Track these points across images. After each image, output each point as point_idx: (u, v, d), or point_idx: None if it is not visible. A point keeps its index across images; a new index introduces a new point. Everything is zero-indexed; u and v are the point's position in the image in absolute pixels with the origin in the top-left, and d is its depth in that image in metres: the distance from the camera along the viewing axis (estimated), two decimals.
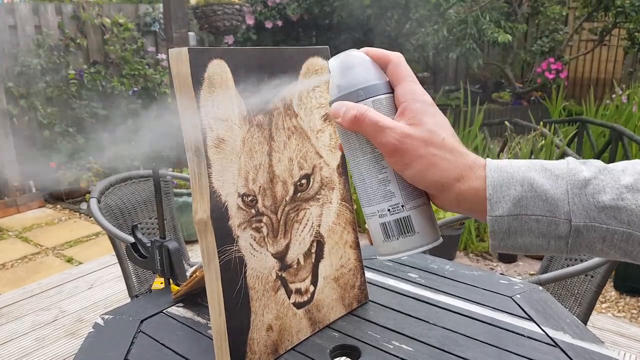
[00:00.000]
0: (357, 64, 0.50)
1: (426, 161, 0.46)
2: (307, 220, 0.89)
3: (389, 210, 0.49)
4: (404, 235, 0.49)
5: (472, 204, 0.46)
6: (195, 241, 3.06)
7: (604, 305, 2.59)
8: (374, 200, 0.50)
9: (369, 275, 1.15)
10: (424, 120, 0.47)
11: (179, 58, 0.73)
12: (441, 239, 0.51)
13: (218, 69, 0.76)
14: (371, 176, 0.49)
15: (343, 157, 0.97)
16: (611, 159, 3.97)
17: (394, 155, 0.46)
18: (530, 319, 0.97)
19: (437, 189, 0.47)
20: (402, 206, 0.49)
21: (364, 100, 0.49)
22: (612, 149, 3.95)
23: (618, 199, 0.42)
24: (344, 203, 0.97)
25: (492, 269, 3.00)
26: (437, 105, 0.51)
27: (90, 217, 4.02)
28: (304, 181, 0.88)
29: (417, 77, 0.52)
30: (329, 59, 0.53)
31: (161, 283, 1.18)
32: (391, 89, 0.50)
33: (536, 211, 0.43)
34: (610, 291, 2.73)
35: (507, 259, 3.08)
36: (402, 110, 0.48)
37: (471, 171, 0.46)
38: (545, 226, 0.44)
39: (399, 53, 0.51)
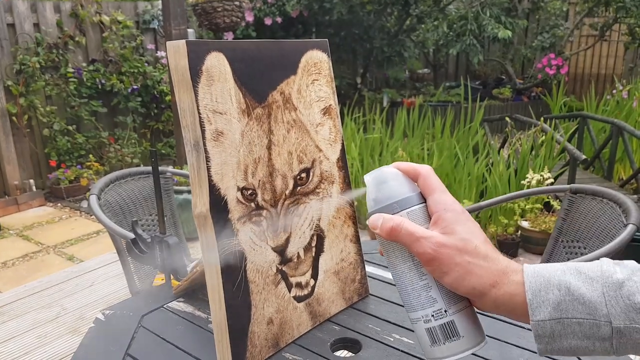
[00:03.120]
0: (390, 178, 0.53)
1: (462, 269, 0.48)
2: (307, 214, 0.89)
3: (432, 315, 0.51)
4: (450, 339, 0.51)
5: (510, 308, 0.48)
6: (196, 238, 3.07)
7: None
8: (417, 306, 0.52)
9: (369, 269, 1.15)
10: (456, 229, 0.49)
11: (177, 51, 0.72)
12: (487, 340, 0.52)
13: (216, 61, 0.75)
14: (413, 283, 0.52)
15: (343, 150, 0.97)
16: (611, 155, 3.97)
17: (431, 263, 0.49)
18: None
19: (475, 295, 0.49)
20: (445, 311, 0.51)
21: (399, 212, 0.52)
22: (612, 144, 3.94)
23: None
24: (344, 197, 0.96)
25: None
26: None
27: (90, 215, 4.02)
28: (303, 175, 0.88)
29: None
30: (328, 53, 0.54)
31: (162, 280, 1.18)
32: (423, 199, 0.53)
33: (576, 314, 0.45)
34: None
35: (508, 254, 3.08)
36: (435, 220, 0.51)
37: (505, 276, 0.48)
38: (587, 329, 0.45)
39: (428, 166, 0.54)
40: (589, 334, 0.45)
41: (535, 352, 0.84)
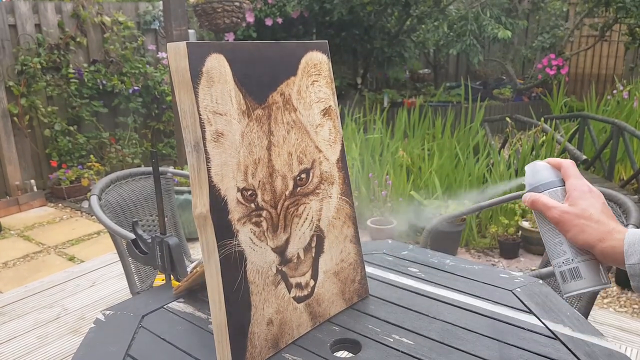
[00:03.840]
0: (539, 168, 0.74)
1: (578, 229, 0.68)
2: (307, 215, 0.89)
3: (563, 262, 0.71)
4: (575, 279, 0.70)
5: (613, 258, 0.65)
6: (196, 239, 3.07)
7: (605, 300, 2.59)
8: (554, 255, 0.72)
9: (369, 269, 1.15)
10: (579, 203, 0.69)
11: (177, 52, 0.73)
12: (608, 284, 0.70)
13: (216, 63, 0.76)
14: (550, 240, 0.72)
15: (342, 151, 0.97)
16: (612, 155, 3.96)
17: (558, 224, 0.70)
18: (531, 312, 0.97)
19: (588, 247, 0.68)
20: (572, 260, 0.70)
21: (542, 191, 0.72)
22: (613, 144, 3.94)
23: None
24: (343, 198, 0.97)
25: (493, 264, 3.00)
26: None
27: (91, 216, 4.03)
28: (303, 176, 0.88)
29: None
30: (327, 54, 0.61)
31: (162, 280, 1.18)
32: (563, 184, 0.73)
33: None
34: (612, 286, 2.73)
35: (509, 254, 3.08)
36: (567, 197, 0.71)
37: (610, 234, 0.66)
38: None
39: (571, 160, 0.74)
40: None
41: (535, 353, 0.85)
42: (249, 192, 0.80)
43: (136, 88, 4.82)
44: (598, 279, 0.69)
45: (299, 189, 0.87)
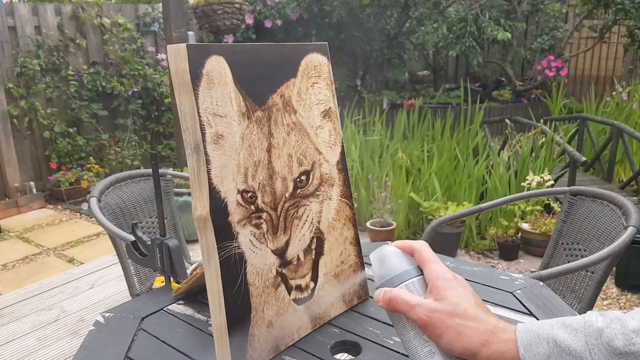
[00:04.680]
0: (389, 256, 0.60)
1: (453, 331, 0.53)
2: (307, 217, 0.89)
3: None
4: None
5: None
6: (196, 240, 3.07)
7: (605, 302, 2.59)
8: None
9: (369, 271, 1.15)
10: (447, 295, 0.55)
11: (177, 54, 0.73)
12: None
13: (216, 65, 0.76)
14: (418, 350, 0.56)
15: (342, 153, 0.97)
16: (611, 156, 3.97)
17: (427, 328, 0.55)
18: (531, 314, 0.97)
19: (469, 355, 0.53)
20: None
21: (398, 284, 0.58)
22: (612, 146, 3.94)
23: (629, 344, 0.48)
24: (343, 199, 0.97)
25: (493, 266, 3.00)
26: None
27: (91, 218, 4.02)
28: (303, 177, 0.88)
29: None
30: (327, 56, 0.56)
31: (162, 282, 1.18)
32: (421, 272, 0.59)
33: None
34: (611, 288, 2.73)
35: (509, 256, 3.08)
36: (430, 289, 0.57)
37: (494, 335, 0.53)
38: None
39: (423, 241, 0.61)
40: None
41: None
42: (249, 194, 0.80)
43: (135, 90, 4.82)
44: None
45: (299, 190, 0.87)
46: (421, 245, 0.60)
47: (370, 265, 1.18)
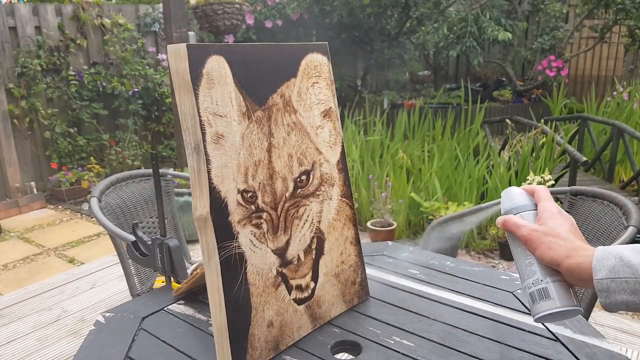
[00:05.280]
0: (514, 193, 0.76)
1: (545, 246, 0.69)
2: (307, 217, 0.89)
3: (532, 283, 0.70)
4: (544, 299, 0.69)
5: (579, 275, 0.65)
6: (196, 241, 3.07)
7: None
8: (525, 276, 0.72)
9: (369, 271, 1.15)
10: (548, 222, 0.71)
11: (177, 54, 0.73)
12: (578, 307, 0.69)
13: (217, 64, 0.76)
14: (521, 261, 0.73)
15: (343, 152, 0.97)
16: (612, 156, 3.96)
17: (527, 243, 0.71)
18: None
19: (555, 264, 0.68)
20: (541, 280, 0.69)
21: (515, 214, 0.74)
22: (613, 146, 3.94)
23: None
24: (344, 199, 0.97)
25: (493, 266, 3.00)
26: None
27: (91, 218, 4.02)
28: (303, 177, 0.88)
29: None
30: (327, 56, 0.60)
31: (163, 282, 1.18)
32: (535, 207, 0.75)
33: (624, 275, 0.61)
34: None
35: (509, 256, 3.07)
36: (538, 218, 0.73)
37: (576, 251, 0.67)
38: (632, 285, 0.61)
39: (543, 186, 0.76)
40: (635, 289, 0.60)
41: (536, 355, 0.85)
42: (249, 194, 0.80)
43: (136, 90, 4.83)
44: (568, 300, 0.68)
45: (299, 190, 0.87)
46: (540, 188, 0.76)
47: (369, 265, 1.19)
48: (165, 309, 1.03)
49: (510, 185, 3.34)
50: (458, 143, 4.11)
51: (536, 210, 0.74)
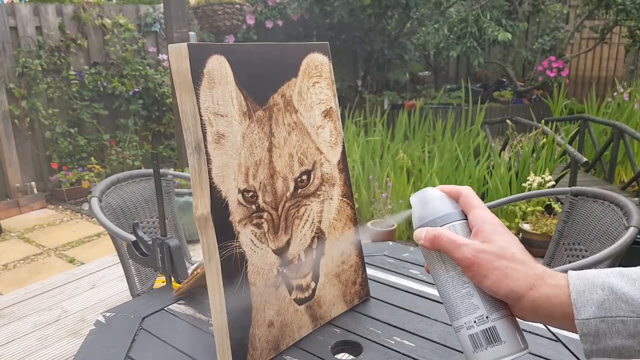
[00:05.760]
0: (433, 198, 0.58)
1: (500, 272, 0.51)
2: (308, 217, 0.89)
3: (475, 322, 0.54)
4: (492, 344, 0.53)
5: (549, 311, 0.50)
6: (197, 241, 3.07)
7: None
8: (460, 313, 0.55)
9: (370, 271, 1.15)
10: (494, 239, 0.53)
11: (178, 54, 0.73)
12: (527, 349, 0.54)
13: (217, 64, 0.76)
14: (455, 291, 0.55)
15: (343, 152, 0.97)
16: (613, 157, 3.96)
17: (471, 268, 0.53)
18: None
19: (513, 298, 0.51)
20: (487, 317, 0.53)
21: (441, 226, 0.56)
22: (613, 146, 3.94)
23: None
24: (344, 199, 0.96)
25: None
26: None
27: (92, 218, 4.02)
28: (304, 177, 0.88)
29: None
30: (328, 56, 0.56)
31: (163, 282, 1.18)
32: (464, 216, 0.57)
33: (620, 313, 0.46)
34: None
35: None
36: (475, 232, 0.55)
37: (542, 280, 0.51)
38: (631, 327, 0.46)
39: (469, 187, 0.59)
40: (634, 332, 0.46)
41: (536, 355, 0.84)
42: (250, 194, 0.80)
43: (137, 90, 4.83)
44: (517, 341, 0.53)
45: (299, 190, 0.87)
46: (468, 191, 0.59)
47: (369, 265, 1.19)
48: (165, 308, 1.03)
49: (510, 186, 3.35)
50: (458, 143, 4.11)
51: (465, 220, 0.57)
